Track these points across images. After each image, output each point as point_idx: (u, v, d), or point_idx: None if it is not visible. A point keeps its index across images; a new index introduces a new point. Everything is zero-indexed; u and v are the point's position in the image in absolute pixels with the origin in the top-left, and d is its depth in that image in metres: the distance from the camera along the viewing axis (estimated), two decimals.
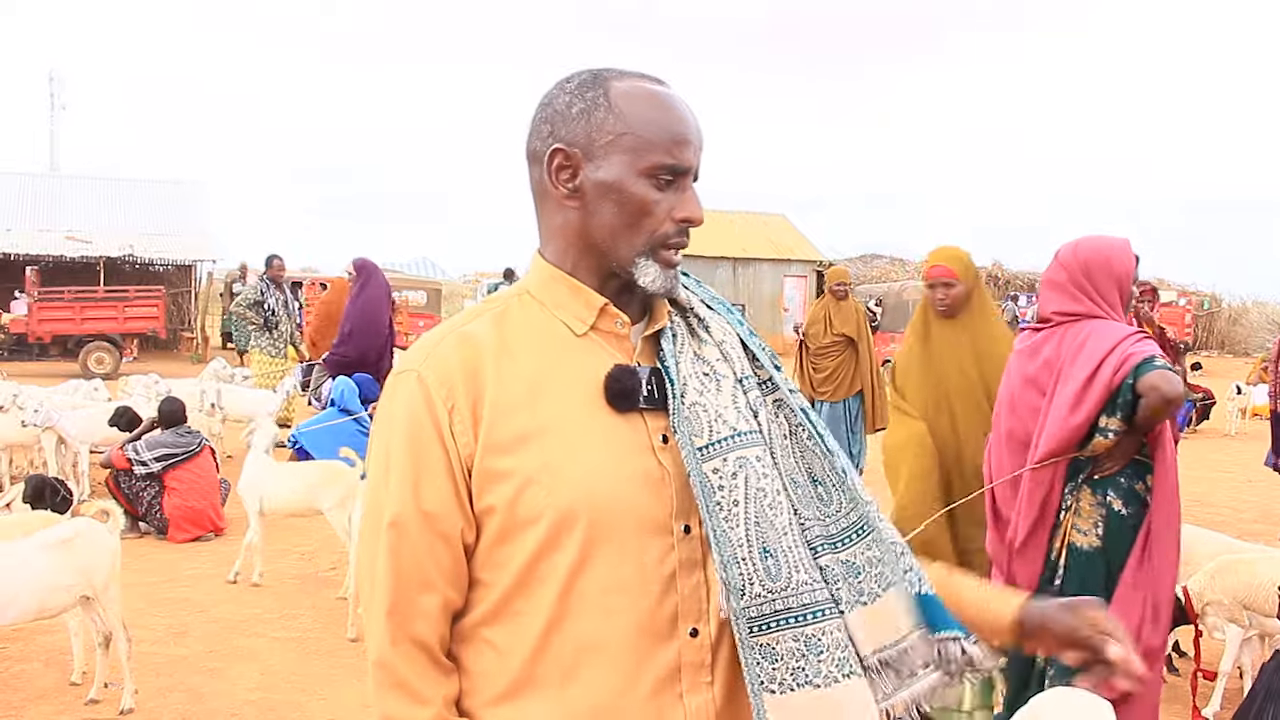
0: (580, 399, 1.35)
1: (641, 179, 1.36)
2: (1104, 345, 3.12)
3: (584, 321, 1.40)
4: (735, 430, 1.36)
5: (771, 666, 1.31)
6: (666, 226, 1.38)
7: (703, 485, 1.33)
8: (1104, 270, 3.25)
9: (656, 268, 1.38)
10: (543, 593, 1.32)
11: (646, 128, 1.36)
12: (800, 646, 1.33)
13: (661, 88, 1.41)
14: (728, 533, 1.32)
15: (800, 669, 1.32)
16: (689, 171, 1.39)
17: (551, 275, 1.42)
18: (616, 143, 1.36)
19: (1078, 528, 3.21)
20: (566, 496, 1.30)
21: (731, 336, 1.46)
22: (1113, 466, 3.18)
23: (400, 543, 1.33)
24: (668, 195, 1.38)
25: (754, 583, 1.31)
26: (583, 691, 1.32)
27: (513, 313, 1.42)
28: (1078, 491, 3.22)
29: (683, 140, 1.37)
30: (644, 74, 1.43)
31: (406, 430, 1.34)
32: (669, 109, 1.39)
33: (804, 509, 1.39)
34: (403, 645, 1.33)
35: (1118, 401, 3.09)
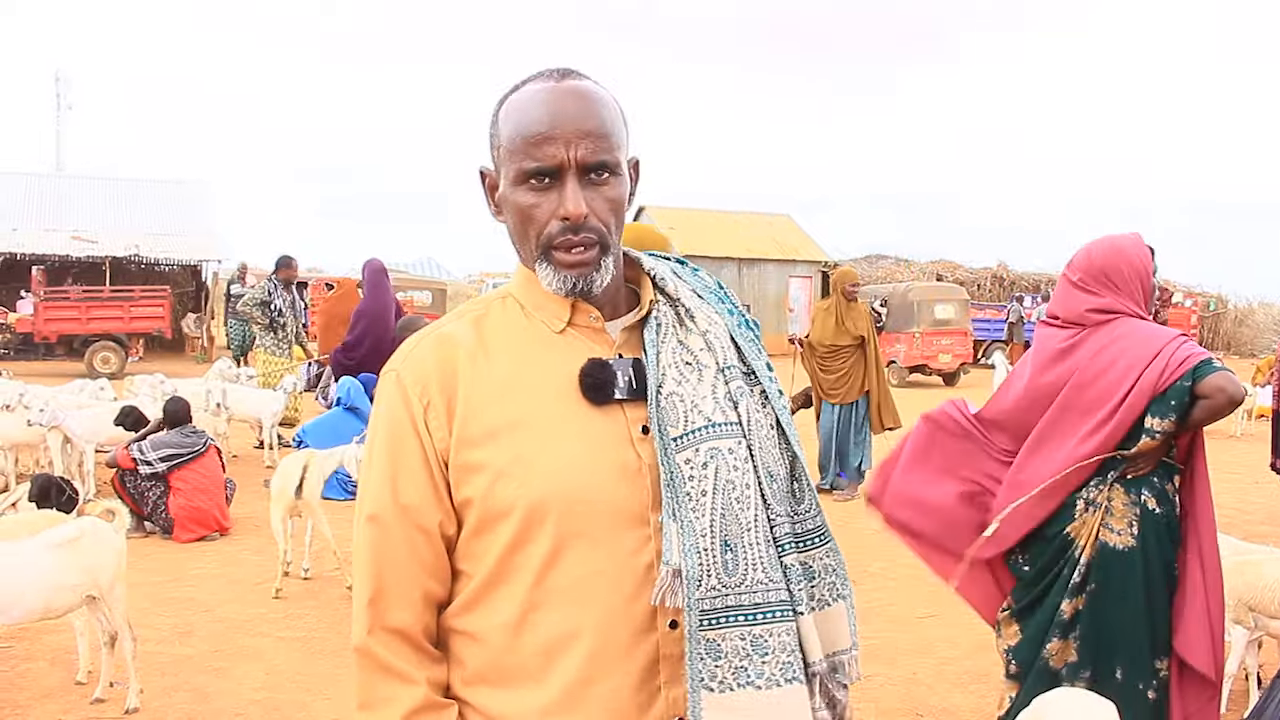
0: (556, 393, 1.37)
1: (519, 187, 1.37)
2: (1149, 349, 3.11)
3: (560, 319, 1.42)
4: (710, 421, 1.38)
5: (714, 663, 1.33)
6: (550, 228, 1.36)
7: (675, 475, 1.34)
8: (1122, 268, 3.23)
9: (551, 269, 1.38)
10: (517, 583, 1.34)
11: (512, 136, 1.38)
12: (746, 645, 1.34)
13: (543, 87, 1.38)
14: (693, 523, 1.33)
15: (743, 669, 1.33)
16: (558, 169, 1.34)
17: (528, 278, 1.45)
18: (501, 157, 1.41)
19: (1110, 527, 3.18)
20: (538, 489, 1.32)
21: (718, 326, 1.47)
22: (1146, 467, 3.17)
23: (379, 535, 1.38)
24: (549, 196, 1.36)
25: (710, 574, 1.32)
26: (560, 681, 1.33)
27: (494, 314, 1.46)
28: (1108, 491, 3.19)
29: (541, 139, 1.34)
30: (547, 74, 1.41)
31: (386, 427, 1.39)
32: (532, 109, 1.37)
33: (778, 504, 1.41)
34: (381, 634, 1.36)
35: (1171, 403, 3.07)
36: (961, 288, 23.40)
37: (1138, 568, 3.16)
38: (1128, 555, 3.17)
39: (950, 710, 4.41)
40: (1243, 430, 14.11)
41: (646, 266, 1.49)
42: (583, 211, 1.34)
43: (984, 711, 4.34)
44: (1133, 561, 3.16)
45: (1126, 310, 3.22)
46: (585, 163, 1.35)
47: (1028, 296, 25.39)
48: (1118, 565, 3.17)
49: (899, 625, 5.52)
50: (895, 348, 19.44)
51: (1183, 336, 3.18)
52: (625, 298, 1.48)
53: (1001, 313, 24.06)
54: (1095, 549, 3.20)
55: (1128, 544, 3.17)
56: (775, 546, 1.39)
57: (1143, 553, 3.16)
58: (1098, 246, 3.29)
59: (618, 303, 1.46)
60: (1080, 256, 3.31)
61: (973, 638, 5.26)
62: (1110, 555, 3.18)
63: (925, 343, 19.93)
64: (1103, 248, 3.27)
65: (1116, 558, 3.17)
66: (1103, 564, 3.19)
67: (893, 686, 4.60)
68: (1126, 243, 3.27)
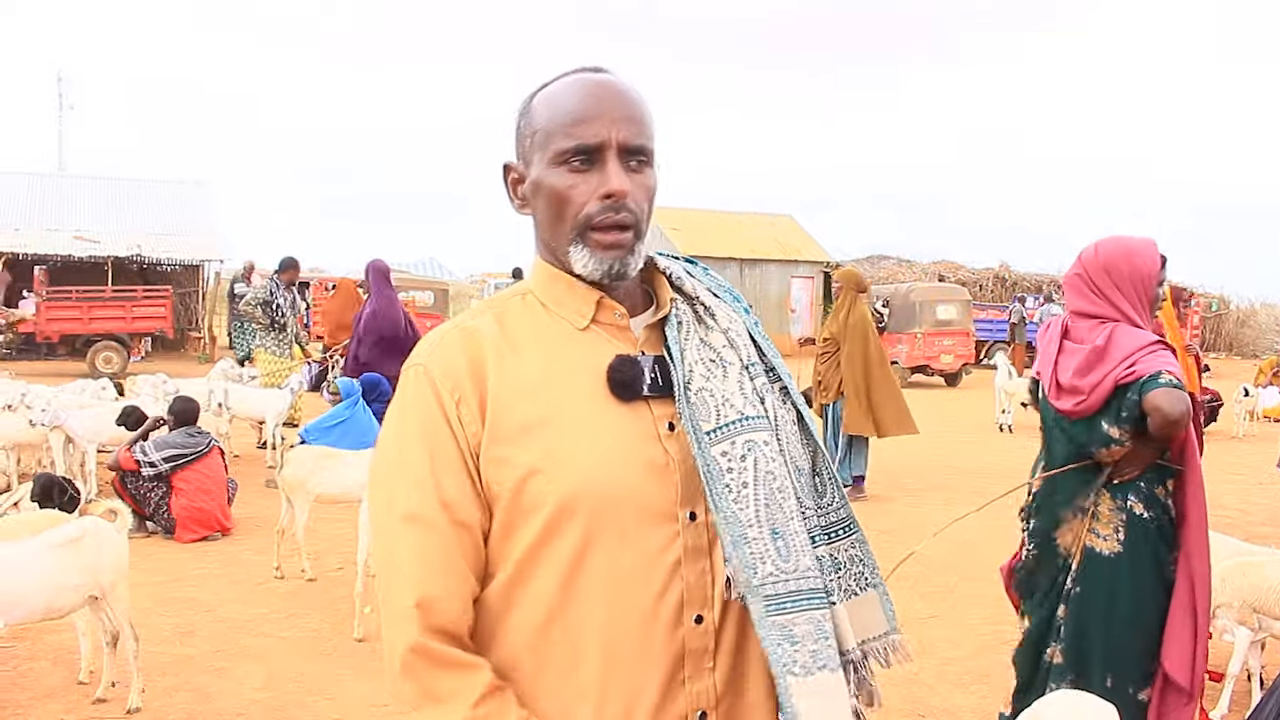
0: (584, 390, 1.37)
1: (555, 169, 1.37)
2: (1116, 355, 3.10)
3: (584, 316, 1.42)
4: (743, 414, 1.38)
5: (793, 648, 1.33)
6: (590, 207, 1.36)
7: (711, 468, 1.34)
8: (1125, 269, 3.19)
9: (588, 252, 1.37)
10: (545, 579, 1.33)
11: (550, 119, 1.38)
12: (814, 629, 1.35)
13: (581, 76, 1.41)
14: (737, 514, 1.33)
15: (817, 652, 1.34)
16: (600, 147, 1.35)
17: (550, 274, 1.44)
18: (534, 143, 1.40)
19: (1096, 532, 3.18)
20: (568, 485, 1.32)
21: (738, 324, 1.48)
22: (1132, 472, 3.16)
23: (422, 534, 1.33)
24: (588, 178, 1.36)
25: (766, 562, 1.33)
26: (587, 677, 1.33)
27: (514, 311, 1.44)
28: (1095, 496, 3.19)
29: (583, 118, 1.35)
30: (581, 69, 1.42)
31: (419, 422, 1.36)
32: (573, 93, 1.38)
33: (805, 498, 1.42)
34: (432, 635, 1.31)
35: (1121, 413, 3.07)
36: (964, 288, 23.39)
37: (1124, 574, 3.15)
38: (1113, 561, 3.16)
39: (952, 711, 4.40)
40: (1245, 431, 14.10)
41: (661, 265, 1.49)
42: (626, 188, 1.35)
43: (986, 712, 4.34)
44: (1118, 567, 3.15)
45: (1115, 315, 3.18)
46: (628, 144, 1.36)
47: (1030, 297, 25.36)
48: (1103, 571, 3.17)
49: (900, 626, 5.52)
50: (897, 348, 19.42)
51: (1158, 345, 3.12)
52: (641, 296, 1.48)
53: (1003, 313, 24.05)
54: (1082, 555, 3.20)
55: (1113, 549, 3.16)
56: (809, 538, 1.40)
57: (1129, 559, 3.14)
58: (1106, 244, 3.27)
59: (635, 302, 1.46)
60: (1088, 251, 3.29)
61: (974, 638, 5.26)
62: (1095, 560, 3.18)
63: (927, 343, 19.93)
64: (1110, 246, 3.25)
65: (1103, 563, 3.17)
66: (1089, 569, 3.19)
67: (894, 687, 4.59)
68: (1135, 245, 3.24)
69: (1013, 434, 13.53)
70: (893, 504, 8.80)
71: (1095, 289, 3.22)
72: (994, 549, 7.25)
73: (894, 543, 7.43)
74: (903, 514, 8.41)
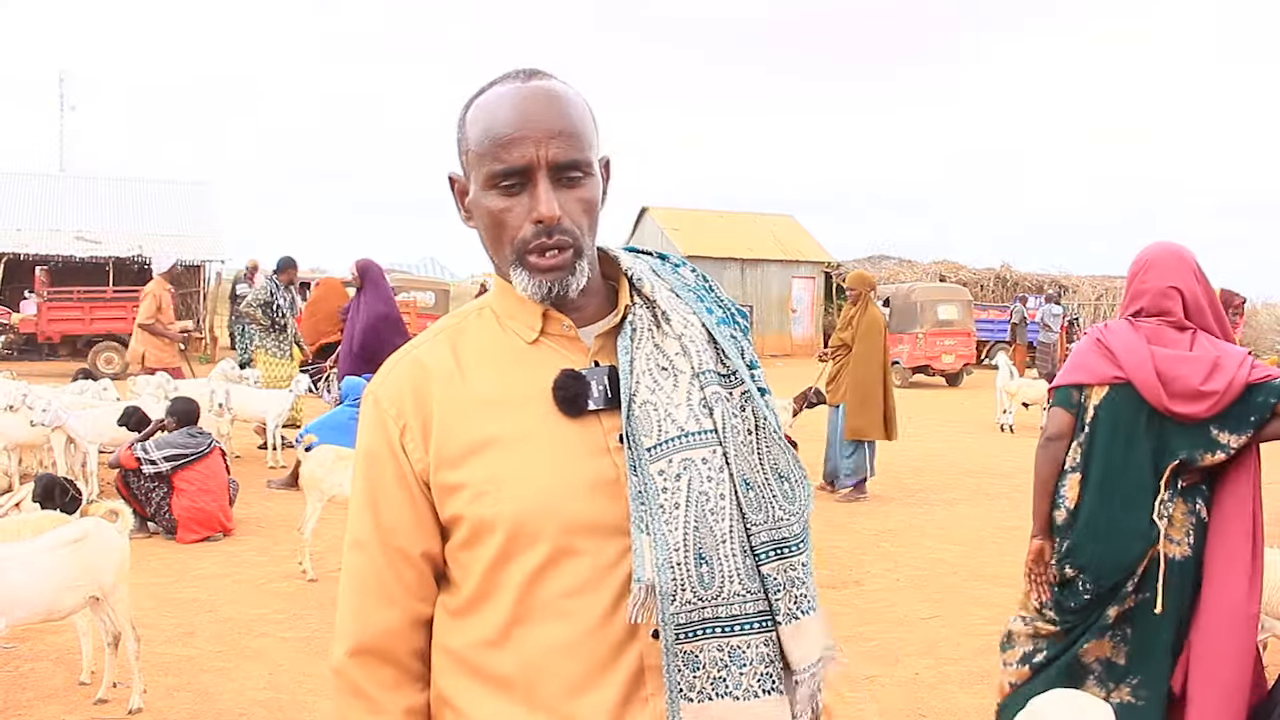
0: (532, 407, 1.36)
1: (489, 192, 1.35)
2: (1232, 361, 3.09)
3: (532, 329, 1.41)
4: (683, 430, 1.34)
5: (692, 674, 1.31)
6: (524, 231, 1.34)
7: (648, 487, 1.32)
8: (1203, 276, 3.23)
9: (526, 275, 1.36)
10: (502, 597, 1.34)
11: (479, 140, 1.35)
12: (724, 656, 1.32)
13: (510, 89, 1.36)
14: (666, 536, 1.30)
15: (721, 679, 1.32)
16: (527, 170, 1.32)
17: (503, 287, 1.44)
18: (469, 162, 1.39)
19: (1171, 538, 3.15)
20: (515, 506, 1.32)
21: (694, 328, 1.41)
22: (1196, 476, 3.16)
23: (361, 558, 1.40)
24: (520, 199, 1.34)
25: (685, 589, 1.30)
26: (547, 693, 1.33)
27: (470, 329, 1.44)
28: (1169, 501, 3.15)
29: (508, 140, 1.32)
30: (514, 75, 1.38)
31: (365, 451, 1.41)
32: (499, 111, 1.34)
33: (755, 513, 1.35)
34: (362, 657, 1.38)
35: (1249, 418, 3.06)
36: (965, 288, 23.38)
37: (1190, 577, 3.15)
38: (1183, 565, 3.15)
39: (953, 711, 4.40)
40: None
41: (624, 265, 1.45)
42: (556, 214, 1.32)
43: (987, 712, 4.33)
44: (1188, 571, 3.15)
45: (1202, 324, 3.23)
46: (556, 162, 1.32)
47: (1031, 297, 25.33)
48: (1176, 576, 3.15)
49: (902, 626, 5.52)
50: (899, 348, 19.40)
51: (1250, 354, 3.16)
52: (604, 299, 1.45)
53: (1005, 313, 24.03)
54: (1151, 563, 3.16)
55: (1184, 554, 3.15)
56: (753, 556, 1.35)
57: (1194, 561, 3.15)
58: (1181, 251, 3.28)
59: (595, 306, 1.43)
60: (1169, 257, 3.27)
61: (975, 639, 5.25)
62: (1171, 568, 3.15)
63: (928, 343, 19.93)
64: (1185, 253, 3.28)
65: (1175, 569, 3.15)
66: (1170, 577, 3.15)
67: (895, 688, 4.59)
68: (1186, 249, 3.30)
69: (1014, 434, 13.52)
70: (893, 504, 8.80)
71: (1189, 299, 3.20)
72: (996, 549, 7.26)
73: (895, 543, 7.44)
74: (903, 514, 8.41)
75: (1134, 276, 3.30)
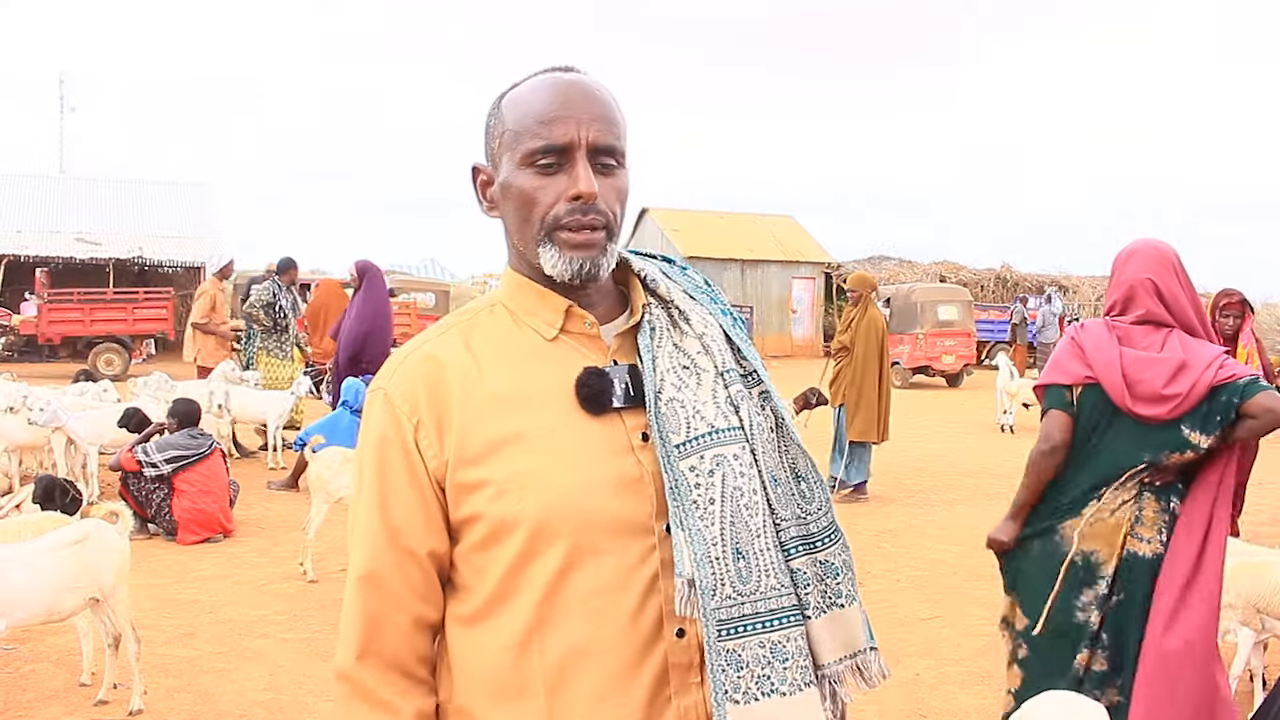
0: (553, 405, 1.34)
1: (523, 170, 1.35)
2: (1200, 361, 3.07)
3: (552, 325, 1.39)
4: (714, 427, 1.35)
5: (737, 675, 1.30)
6: (558, 209, 1.33)
7: (679, 483, 1.31)
8: (1183, 272, 3.20)
9: (556, 251, 1.34)
10: (523, 599, 1.32)
11: (519, 119, 1.36)
12: (766, 653, 1.32)
13: (551, 76, 1.38)
14: (702, 532, 1.30)
15: (766, 677, 1.32)
16: (569, 148, 1.32)
17: (519, 283, 1.42)
18: (502, 144, 1.38)
19: (1139, 536, 3.14)
20: (539, 503, 1.30)
21: (714, 328, 1.43)
22: (1170, 475, 3.15)
23: (368, 561, 1.35)
24: (556, 179, 1.34)
25: (725, 584, 1.30)
26: (572, 696, 1.31)
27: (482, 325, 1.42)
28: (1140, 500, 3.15)
29: (551, 118, 1.33)
30: (552, 69, 1.40)
31: (374, 447, 1.36)
32: (542, 93, 1.35)
33: (782, 508, 1.38)
34: (370, 659, 1.35)
35: (1215, 418, 3.05)
36: (965, 289, 23.38)
37: (1155, 574, 3.13)
38: (1154, 562, 3.13)
39: (954, 712, 4.40)
40: None
41: (636, 267, 1.45)
42: (595, 190, 1.32)
43: (988, 713, 4.33)
44: (1158, 569, 3.13)
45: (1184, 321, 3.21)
46: (597, 144, 1.33)
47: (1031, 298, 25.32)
48: (1146, 573, 3.14)
49: (902, 627, 5.52)
50: (899, 349, 19.40)
51: (1226, 354, 3.14)
52: (616, 300, 1.45)
53: (1005, 314, 24.03)
54: (1120, 561, 3.16)
55: (1156, 551, 3.13)
56: (783, 551, 1.37)
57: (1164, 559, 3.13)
58: (1160, 246, 3.27)
59: (607, 306, 1.43)
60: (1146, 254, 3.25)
61: (976, 640, 5.25)
62: (1140, 565, 3.14)
63: (929, 344, 19.92)
64: (1165, 249, 3.26)
65: (1145, 566, 3.14)
66: (1133, 574, 3.15)
67: (897, 688, 4.59)
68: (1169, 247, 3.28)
69: (1014, 434, 13.52)
70: (893, 505, 8.80)
71: (1166, 293, 3.18)
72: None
73: (895, 544, 7.44)
74: (904, 515, 8.41)
75: (1115, 269, 3.32)
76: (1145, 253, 3.23)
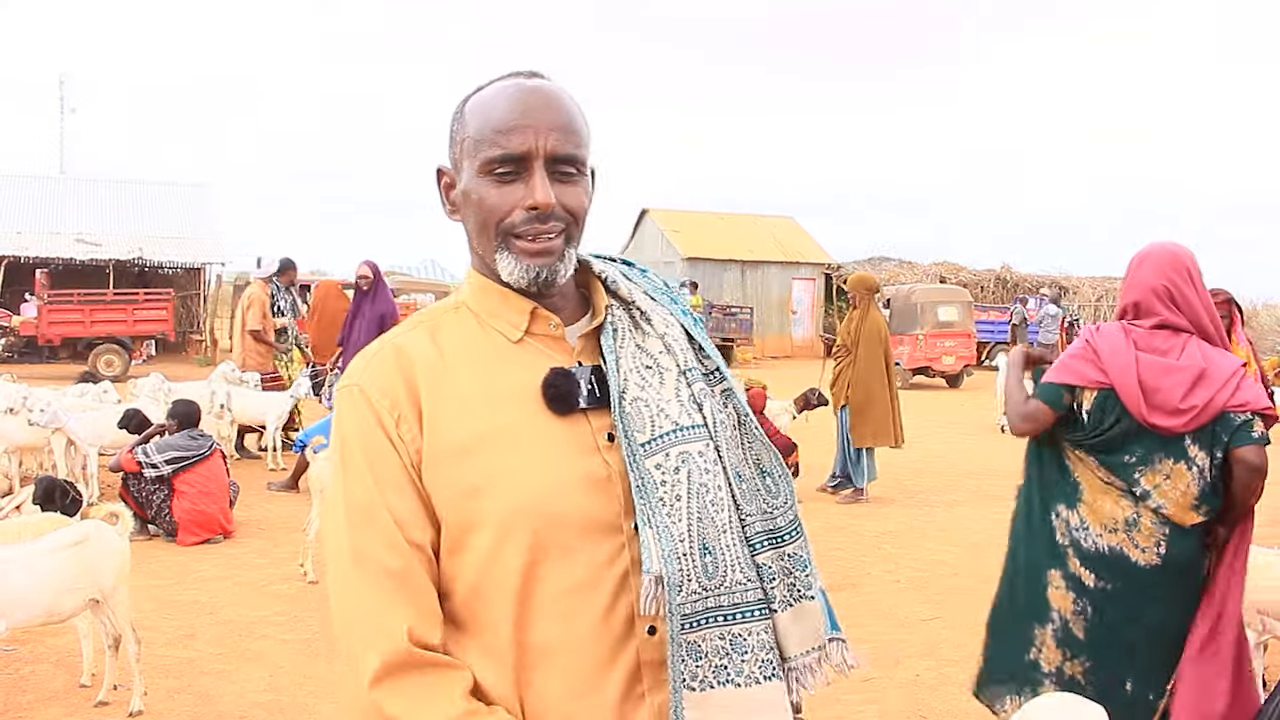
0: (520, 406, 1.34)
1: (482, 178, 1.35)
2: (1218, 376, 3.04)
3: (517, 327, 1.39)
4: (678, 425, 1.37)
5: (695, 664, 1.32)
6: (514, 217, 1.34)
7: (645, 481, 1.32)
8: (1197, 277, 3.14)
9: (513, 259, 1.35)
10: (497, 599, 1.31)
11: (479, 127, 1.36)
12: (725, 645, 1.34)
13: (514, 83, 1.38)
14: (670, 529, 1.31)
15: (723, 667, 1.34)
16: (526, 157, 1.32)
17: (482, 285, 1.42)
18: (463, 150, 1.38)
19: (1135, 543, 3.13)
20: (508, 503, 1.29)
21: (675, 328, 1.45)
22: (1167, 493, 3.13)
23: (382, 555, 1.29)
24: (514, 188, 1.34)
25: (691, 579, 1.31)
26: (545, 695, 1.31)
27: (447, 325, 1.41)
28: (1139, 506, 3.13)
29: (509, 127, 1.33)
30: (516, 74, 1.40)
31: (360, 443, 1.33)
32: (503, 101, 1.36)
33: (747, 503, 1.40)
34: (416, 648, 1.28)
35: (1220, 438, 3.04)
36: (965, 290, 23.38)
37: (1156, 584, 3.12)
38: (1147, 571, 3.12)
39: (954, 713, 4.39)
40: None
41: (596, 269, 1.45)
42: (551, 200, 1.32)
43: (988, 714, 4.33)
44: (1151, 577, 3.12)
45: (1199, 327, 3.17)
46: (555, 154, 1.33)
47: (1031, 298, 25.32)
48: (1136, 580, 3.13)
49: (903, 628, 5.52)
50: (899, 350, 19.37)
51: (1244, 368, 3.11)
52: (578, 303, 1.45)
53: (1005, 315, 24.03)
54: (1111, 549, 3.15)
55: (1151, 562, 3.12)
56: (748, 546, 1.39)
57: (1166, 571, 3.11)
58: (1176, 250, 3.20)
59: (571, 309, 1.43)
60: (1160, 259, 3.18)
61: (976, 641, 5.24)
62: (1130, 569, 3.14)
63: (929, 345, 19.92)
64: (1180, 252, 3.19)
65: (1136, 572, 3.13)
66: (1121, 572, 3.15)
67: (897, 689, 4.59)
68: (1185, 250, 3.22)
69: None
70: (894, 506, 8.79)
71: (1180, 300, 3.12)
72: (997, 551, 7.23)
73: (896, 545, 7.44)
74: (904, 516, 8.41)
75: (1128, 273, 3.26)
76: (1159, 257, 3.16)
